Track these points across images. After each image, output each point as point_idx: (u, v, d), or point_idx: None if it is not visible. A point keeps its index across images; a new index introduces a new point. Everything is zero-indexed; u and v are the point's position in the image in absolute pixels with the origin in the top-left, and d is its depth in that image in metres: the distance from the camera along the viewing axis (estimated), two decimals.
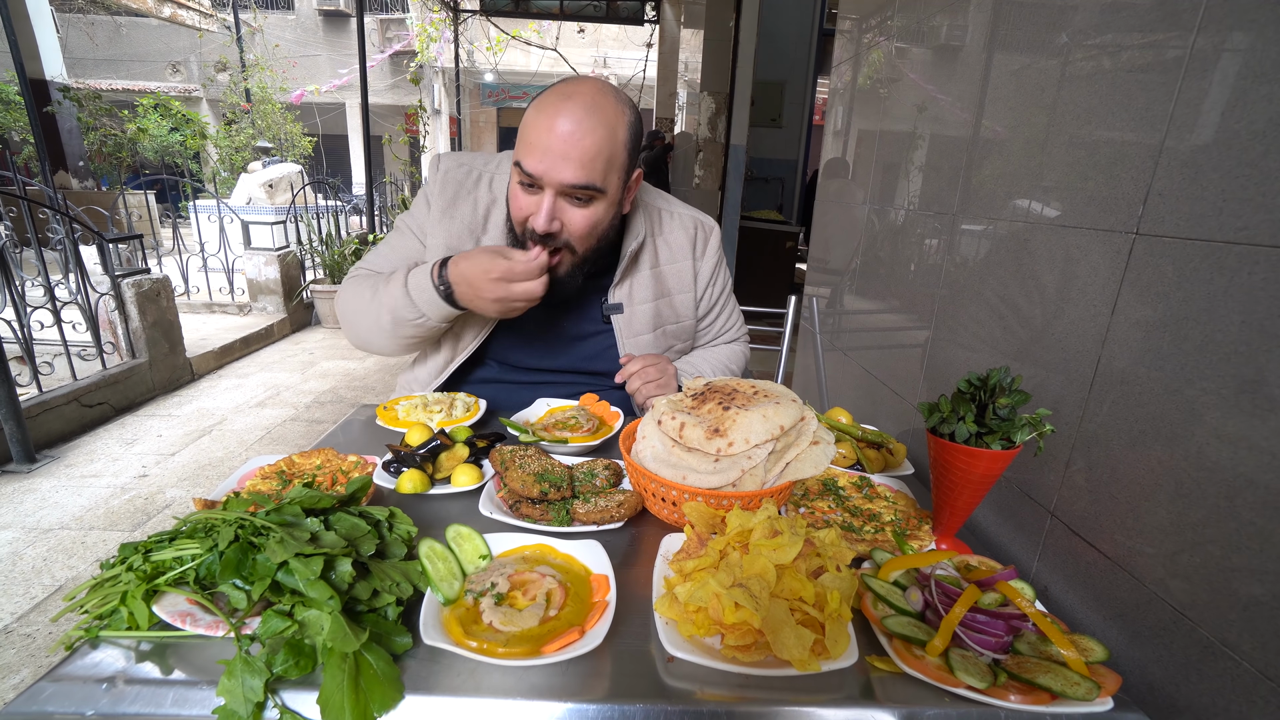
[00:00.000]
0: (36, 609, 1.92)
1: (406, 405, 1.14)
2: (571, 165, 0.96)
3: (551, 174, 0.97)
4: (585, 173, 0.97)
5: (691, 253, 1.29)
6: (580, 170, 0.97)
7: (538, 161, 0.97)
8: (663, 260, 1.26)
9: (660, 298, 1.26)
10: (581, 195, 1.00)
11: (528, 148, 0.98)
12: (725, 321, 1.41)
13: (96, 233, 3.34)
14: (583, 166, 0.96)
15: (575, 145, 0.95)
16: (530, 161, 0.97)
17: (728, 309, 1.41)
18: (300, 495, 0.70)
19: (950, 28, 1.39)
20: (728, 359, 1.40)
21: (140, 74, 13.82)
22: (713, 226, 1.33)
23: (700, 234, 1.30)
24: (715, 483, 0.78)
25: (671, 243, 1.27)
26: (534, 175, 0.98)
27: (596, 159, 0.97)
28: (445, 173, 1.21)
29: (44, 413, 2.92)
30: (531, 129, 0.98)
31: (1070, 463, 0.88)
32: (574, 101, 0.97)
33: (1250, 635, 0.63)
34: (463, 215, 1.19)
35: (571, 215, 1.02)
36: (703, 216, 1.33)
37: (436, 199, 1.20)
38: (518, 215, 1.06)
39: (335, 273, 5.36)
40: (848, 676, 0.60)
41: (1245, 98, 0.67)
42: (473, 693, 0.56)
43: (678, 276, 1.28)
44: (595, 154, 0.97)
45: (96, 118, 8.37)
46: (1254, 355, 0.63)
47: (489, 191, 1.20)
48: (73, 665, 0.57)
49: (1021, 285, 1.02)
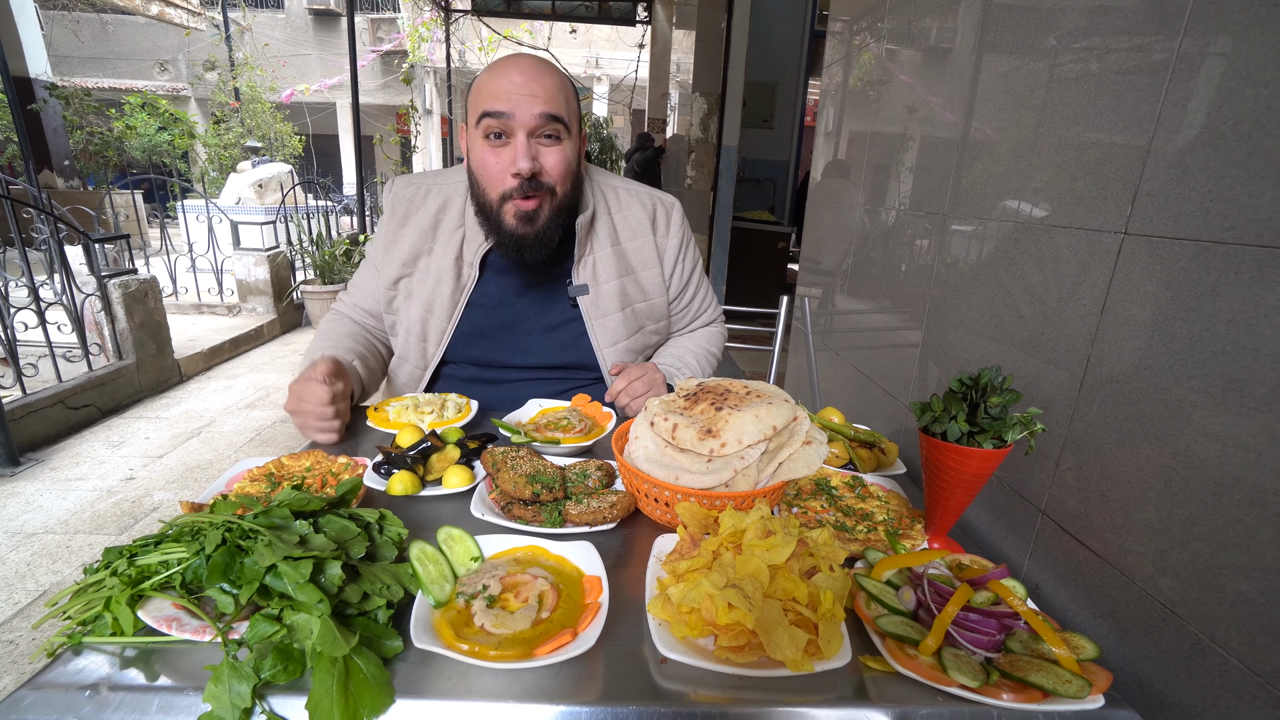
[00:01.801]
0: (20, 614, 1.89)
1: (397, 406, 1.13)
2: (539, 100, 1.03)
3: (521, 109, 1.02)
4: (552, 104, 1.04)
5: (652, 229, 1.29)
6: (547, 102, 1.04)
7: (504, 102, 1.03)
8: (623, 237, 1.26)
9: (625, 275, 1.26)
10: (551, 131, 1.06)
11: (490, 97, 1.04)
12: (701, 302, 1.40)
13: (82, 232, 3.30)
14: (549, 99, 1.04)
15: (538, 82, 1.03)
16: (497, 104, 1.03)
17: (701, 288, 1.40)
18: (289, 498, 0.69)
19: (940, 30, 1.40)
20: (708, 343, 1.39)
21: (127, 72, 13.66)
22: (673, 203, 1.32)
23: (660, 210, 1.30)
24: (708, 483, 0.78)
25: (630, 219, 1.28)
26: (503, 113, 1.03)
27: (558, 95, 1.05)
28: (395, 195, 1.26)
29: (28, 415, 2.87)
30: (490, 83, 1.05)
31: (1061, 461, 0.89)
32: (525, 57, 1.07)
33: (1238, 631, 0.63)
34: (412, 231, 1.23)
35: (546, 155, 1.07)
36: (662, 194, 1.33)
37: (385, 227, 1.25)
38: (494, 175, 1.08)
39: (326, 273, 5.32)
40: (841, 676, 0.60)
41: (1231, 99, 0.67)
42: (464, 696, 0.55)
43: (640, 253, 1.28)
44: (556, 90, 1.05)
45: (83, 116, 8.26)
46: (1240, 354, 0.64)
47: (438, 198, 1.24)
48: (55, 672, 0.56)
49: (1012, 285, 1.03)
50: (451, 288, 1.20)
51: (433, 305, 1.22)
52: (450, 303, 1.21)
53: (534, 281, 1.23)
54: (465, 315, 1.22)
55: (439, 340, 1.24)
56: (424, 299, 1.22)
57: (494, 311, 1.23)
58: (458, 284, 1.21)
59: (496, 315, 1.23)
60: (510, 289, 1.23)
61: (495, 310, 1.23)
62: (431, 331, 1.24)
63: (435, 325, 1.23)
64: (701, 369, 1.33)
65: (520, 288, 1.23)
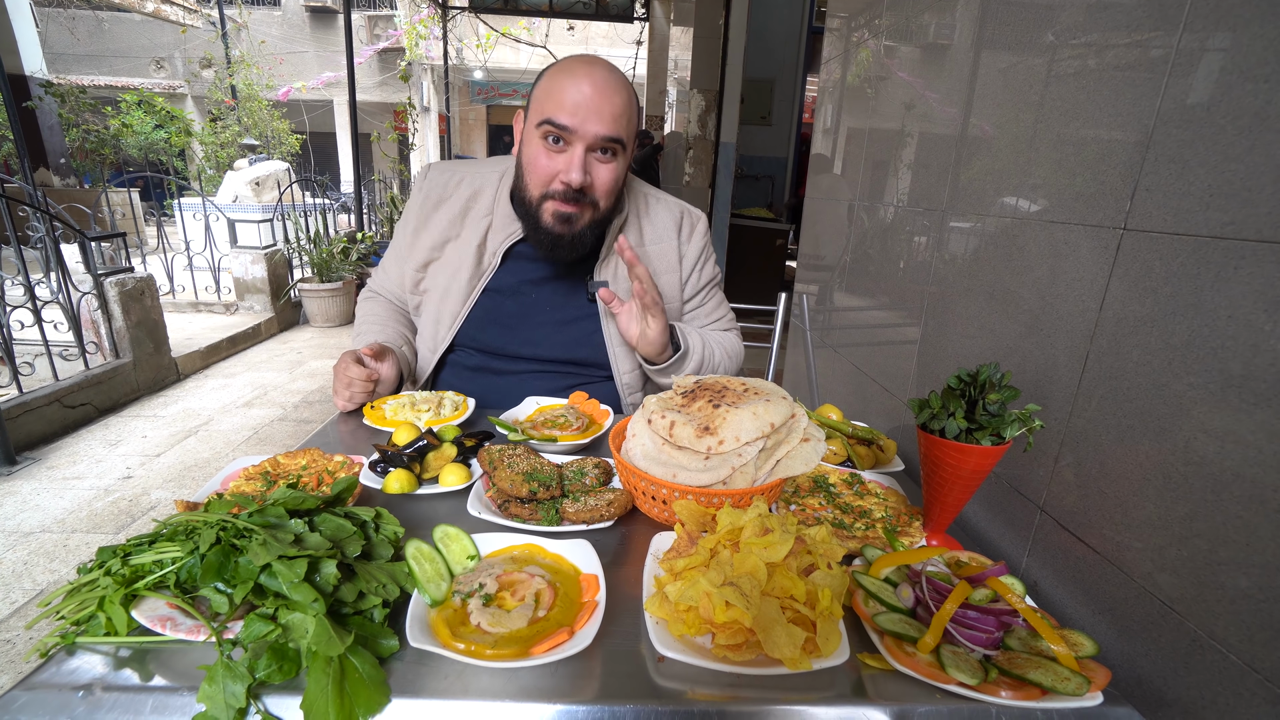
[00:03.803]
0: (17, 614, 1.89)
1: (394, 404, 1.12)
2: (605, 120, 1.03)
3: (586, 126, 1.03)
4: (615, 126, 1.04)
5: (677, 235, 1.30)
6: (612, 124, 1.04)
7: (570, 115, 1.02)
8: (648, 240, 1.28)
9: None
10: (608, 149, 1.06)
11: (557, 105, 1.03)
12: (714, 311, 1.39)
13: (78, 231, 3.28)
14: (614, 120, 1.04)
15: (607, 101, 1.03)
16: (563, 116, 1.03)
17: (715, 299, 1.40)
18: (284, 496, 0.69)
19: (938, 26, 1.40)
20: (722, 339, 1.36)
21: (123, 70, 13.60)
22: (700, 216, 1.35)
23: (687, 219, 1.33)
24: (706, 480, 0.78)
25: (656, 223, 1.29)
26: (568, 127, 1.03)
27: (622, 116, 1.05)
28: (431, 180, 1.28)
29: (24, 414, 2.86)
30: (560, 89, 1.04)
31: (1059, 458, 0.88)
32: (599, 66, 1.06)
33: (1237, 628, 0.63)
34: (442, 217, 1.25)
35: (598, 171, 1.08)
36: (690, 207, 1.36)
37: (419, 210, 1.27)
38: (544, 175, 1.08)
39: (323, 271, 5.31)
40: (839, 674, 0.60)
41: (1231, 93, 0.67)
42: (461, 695, 0.55)
43: (662, 257, 1.29)
44: (622, 111, 1.05)
45: (78, 114, 8.23)
46: (1240, 350, 0.64)
47: (470, 187, 1.26)
48: (48, 673, 0.56)
49: (1010, 281, 1.03)
50: (470, 273, 1.23)
51: (450, 289, 1.24)
52: (467, 288, 1.23)
53: (554, 275, 1.25)
54: (480, 300, 1.25)
55: (451, 323, 1.26)
56: (444, 283, 1.25)
57: (510, 299, 1.25)
58: (477, 269, 1.23)
59: (513, 303, 1.25)
60: (529, 280, 1.25)
61: (511, 298, 1.25)
62: (445, 314, 1.26)
63: (449, 308, 1.25)
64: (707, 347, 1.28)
65: (540, 280, 1.25)
